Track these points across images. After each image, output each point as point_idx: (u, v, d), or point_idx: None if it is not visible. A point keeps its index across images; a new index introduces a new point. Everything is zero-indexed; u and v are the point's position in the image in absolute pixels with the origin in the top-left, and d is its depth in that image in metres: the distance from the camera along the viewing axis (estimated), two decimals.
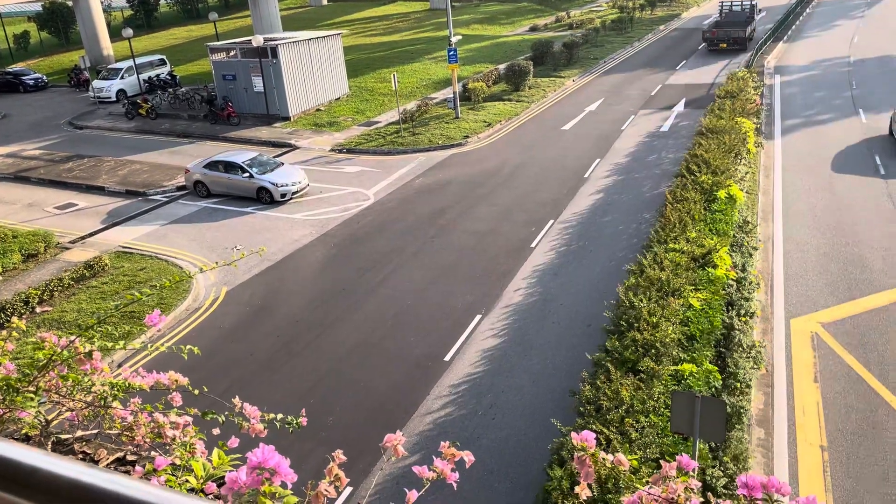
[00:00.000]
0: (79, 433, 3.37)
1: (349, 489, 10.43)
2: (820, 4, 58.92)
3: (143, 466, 2.64)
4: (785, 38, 46.51)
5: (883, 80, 34.61)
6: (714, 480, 9.19)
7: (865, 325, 15.13)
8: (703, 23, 55.21)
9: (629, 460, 2.24)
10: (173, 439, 3.04)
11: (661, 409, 10.40)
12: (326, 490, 2.30)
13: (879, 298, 15.97)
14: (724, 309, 13.68)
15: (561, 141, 29.60)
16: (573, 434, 2.10)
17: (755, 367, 13.33)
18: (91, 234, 23.36)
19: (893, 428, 12.17)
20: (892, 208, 20.42)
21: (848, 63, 38.24)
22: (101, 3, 58.83)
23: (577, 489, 2.12)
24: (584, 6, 68.54)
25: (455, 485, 2.31)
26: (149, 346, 3.63)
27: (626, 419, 10.17)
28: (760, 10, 58.37)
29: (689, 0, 65.71)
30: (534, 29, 57.52)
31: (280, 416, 3.30)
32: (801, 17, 53.76)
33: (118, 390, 3.12)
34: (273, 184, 24.63)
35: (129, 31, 41.05)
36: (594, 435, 2.10)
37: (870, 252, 18.14)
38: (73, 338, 3.18)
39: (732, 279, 14.83)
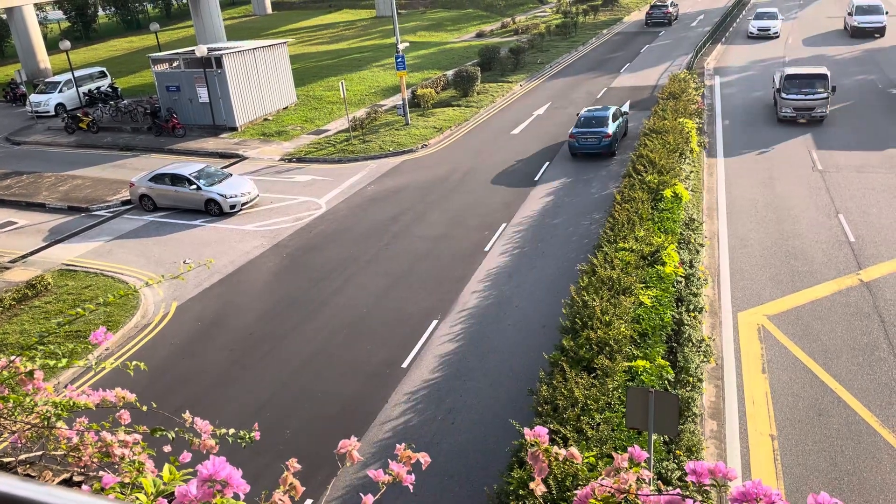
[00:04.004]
0: (23, 456, 3.26)
1: (309, 501, 10.30)
2: (754, 7, 60.75)
3: (91, 486, 2.57)
4: (723, 39, 47.85)
5: None
6: (668, 473, 9.37)
7: (808, 315, 15.63)
8: (645, 26, 56.44)
9: (585, 456, 2.27)
10: (122, 458, 2.97)
11: (617, 406, 10.56)
12: (281, 500, 2.28)
13: (820, 290, 16.51)
14: (674, 305, 13.97)
15: (510, 145, 29.86)
16: (526, 430, 2.12)
17: (705, 360, 13.64)
18: (32, 253, 22.62)
19: (839, 415, 12.59)
20: (829, 202, 21.16)
21: (783, 63, 39.51)
22: (37, 15, 57.15)
23: (531, 485, 2.15)
24: (529, 12, 69.35)
25: (411, 487, 2.31)
26: (94, 364, 3.54)
27: (583, 417, 10.29)
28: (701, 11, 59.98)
29: (630, 5, 67.06)
30: (480, 35, 57.94)
31: (232, 430, 3.25)
32: (737, 20, 55.36)
33: (62, 410, 3.03)
34: (222, 195, 24.24)
35: (66, 44, 39.98)
36: (546, 430, 2.12)
37: (810, 245, 18.75)
38: (12, 357, 3.08)
39: (681, 276, 15.16)
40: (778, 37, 46.41)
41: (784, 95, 28.86)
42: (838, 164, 24.08)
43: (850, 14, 46.16)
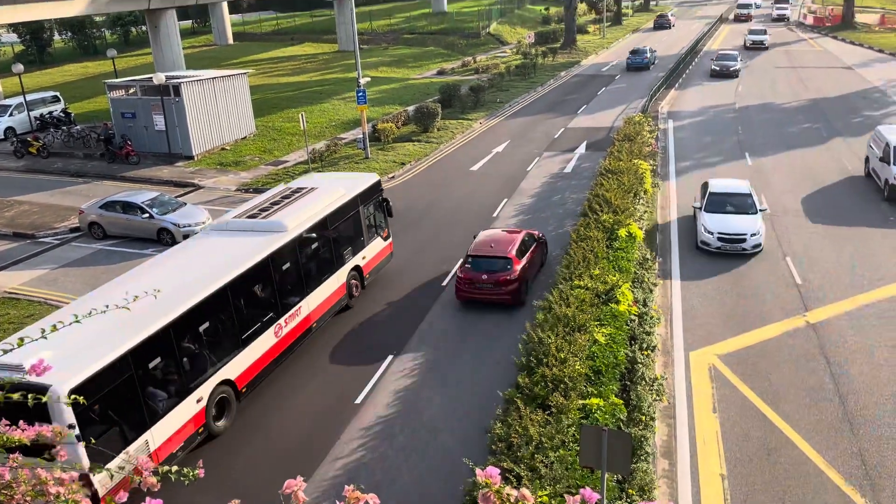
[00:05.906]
0: None
1: None
2: (707, 55, 62.86)
3: None
4: (676, 85, 49.35)
5: (765, 125, 37.17)
6: None
7: (757, 355, 15.94)
8: (602, 69, 57.96)
9: (539, 496, 2.24)
10: (57, 496, 2.83)
11: (571, 444, 10.54)
12: None
13: (769, 330, 16.87)
14: (628, 343, 14.11)
15: (470, 181, 30.10)
16: (478, 471, 2.08)
17: (658, 399, 13.76)
18: None
19: (787, 453, 12.78)
20: (777, 244, 21.76)
21: (734, 109, 40.87)
22: None
23: None
24: (490, 52, 70.62)
25: None
26: (30, 401, 3.38)
27: (537, 455, 10.24)
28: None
29: (587, 48, 68.84)
30: (441, 73, 58.67)
31: (175, 468, 3.14)
32: (690, 66, 57.21)
33: None
34: (175, 224, 23.81)
35: (19, 67, 39.28)
36: (498, 471, 2.09)
37: (759, 286, 19.20)
38: None
39: (634, 314, 15.35)
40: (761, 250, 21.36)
41: None
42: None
43: (879, 158, 25.08)
